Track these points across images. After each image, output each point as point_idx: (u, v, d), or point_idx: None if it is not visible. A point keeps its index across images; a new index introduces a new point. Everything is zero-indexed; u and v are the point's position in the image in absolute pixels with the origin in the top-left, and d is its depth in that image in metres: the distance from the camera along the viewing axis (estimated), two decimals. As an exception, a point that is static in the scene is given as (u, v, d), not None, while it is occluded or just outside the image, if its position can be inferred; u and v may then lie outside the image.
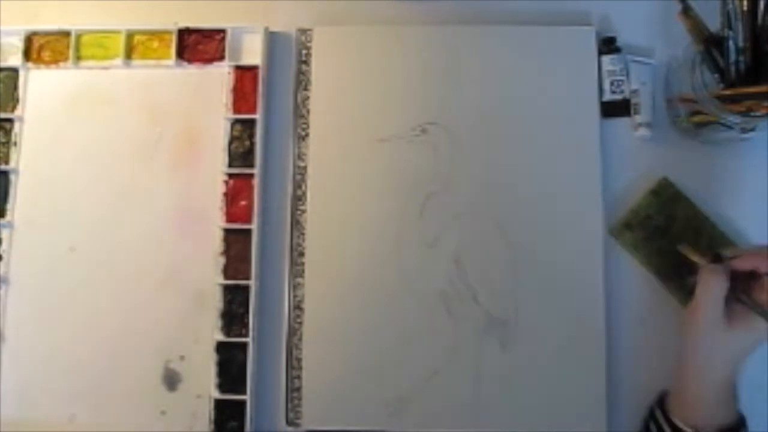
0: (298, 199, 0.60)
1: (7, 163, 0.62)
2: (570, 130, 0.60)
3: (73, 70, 0.63)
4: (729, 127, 0.56)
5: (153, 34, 0.63)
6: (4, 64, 0.63)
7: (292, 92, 0.62)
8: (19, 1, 0.65)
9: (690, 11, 0.54)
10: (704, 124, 0.58)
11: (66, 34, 0.63)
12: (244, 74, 0.62)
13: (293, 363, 0.58)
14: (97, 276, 0.60)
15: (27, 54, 0.63)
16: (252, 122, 0.61)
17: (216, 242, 0.60)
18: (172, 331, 0.59)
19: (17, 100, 0.63)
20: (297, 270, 0.59)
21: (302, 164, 0.60)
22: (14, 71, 0.63)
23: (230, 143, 0.61)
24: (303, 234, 0.59)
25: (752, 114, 0.53)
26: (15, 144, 0.62)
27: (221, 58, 0.62)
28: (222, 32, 0.63)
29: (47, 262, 0.60)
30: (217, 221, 0.60)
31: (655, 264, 0.58)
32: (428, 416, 0.56)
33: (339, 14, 0.63)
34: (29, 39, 0.63)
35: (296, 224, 0.60)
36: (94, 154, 0.61)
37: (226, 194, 0.60)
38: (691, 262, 0.54)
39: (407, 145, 0.60)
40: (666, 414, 0.52)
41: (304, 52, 0.62)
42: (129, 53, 0.63)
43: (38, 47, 0.63)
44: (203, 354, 0.58)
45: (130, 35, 0.63)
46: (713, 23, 0.54)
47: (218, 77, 0.62)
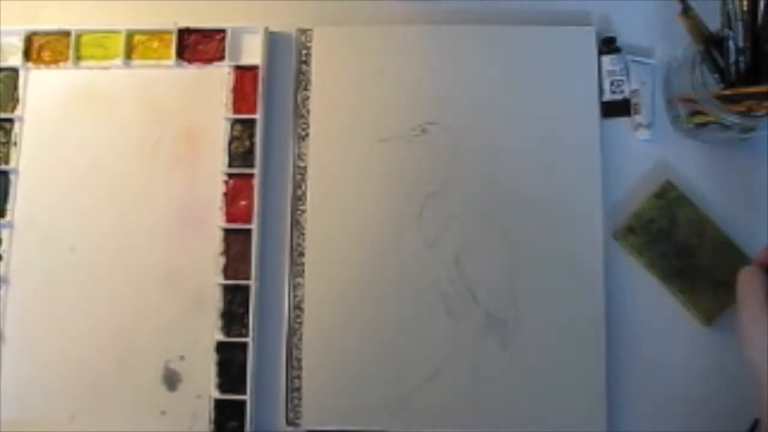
0: (298, 199, 0.60)
1: (7, 163, 0.62)
2: (570, 130, 0.60)
3: (73, 70, 0.63)
4: (729, 127, 0.56)
5: (153, 34, 0.63)
6: (4, 64, 0.63)
7: (292, 92, 0.62)
8: (19, 1, 0.65)
9: (690, 11, 0.54)
10: (704, 124, 0.58)
11: (66, 34, 0.63)
12: (244, 74, 0.62)
13: (293, 363, 0.58)
14: (97, 276, 0.60)
15: (27, 54, 0.63)
16: (252, 122, 0.61)
17: (216, 242, 0.60)
18: (172, 331, 0.59)
19: (17, 100, 0.63)
20: (297, 270, 0.59)
21: (302, 164, 0.60)
22: (14, 71, 0.63)
23: (230, 143, 0.61)
24: (303, 234, 0.59)
25: (752, 114, 0.53)
26: (15, 144, 0.62)
27: (221, 58, 0.62)
28: (222, 32, 0.63)
29: (47, 262, 0.60)
30: (217, 221, 0.60)
31: (658, 267, 0.58)
32: (428, 416, 0.56)
33: (339, 14, 0.63)
34: (29, 39, 0.63)
35: (296, 224, 0.60)
36: (94, 154, 0.61)
37: (226, 194, 0.60)
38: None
39: (407, 145, 0.60)
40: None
41: (304, 52, 0.62)
42: (129, 53, 0.63)
43: (38, 47, 0.63)
44: (203, 354, 0.58)
45: (130, 35, 0.63)
46: (713, 23, 0.54)
47: (218, 77, 0.62)
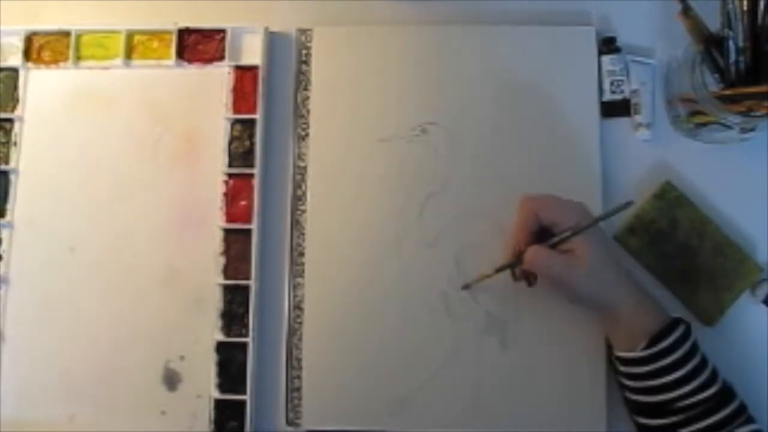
0: (298, 199, 0.60)
1: (7, 163, 0.62)
2: (570, 130, 0.60)
3: (73, 70, 0.63)
4: (729, 127, 0.56)
5: (153, 34, 0.63)
6: (4, 64, 0.63)
7: (292, 92, 0.62)
8: (19, 1, 0.65)
9: (690, 11, 0.55)
10: (704, 124, 0.58)
11: (66, 34, 0.63)
12: (244, 74, 0.62)
13: (293, 363, 0.58)
14: (97, 276, 0.60)
15: (27, 54, 0.63)
16: (252, 122, 0.61)
17: (216, 242, 0.60)
18: (172, 331, 0.59)
19: (17, 100, 0.63)
20: (297, 270, 0.59)
21: (302, 164, 0.60)
22: (14, 71, 0.63)
23: (230, 143, 0.61)
24: (303, 234, 0.59)
25: (752, 114, 0.53)
26: (15, 144, 0.62)
27: (221, 58, 0.62)
28: (222, 32, 0.63)
29: (47, 262, 0.60)
30: (217, 221, 0.60)
31: (660, 268, 0.58)
32: (428, 416, 0.56)
33: (339, 14, 0.63)
34: (29, 39, 0.63)
35: (296, 224, 0.60)
36: (94, 154, 0.61)
37: (226, 194, 0.60)
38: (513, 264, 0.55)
39: (407, 145, 0.60)
40: (613, 356, 0.54)
41: (304, 52, 0.62)
42: (129, 53, 0.63)
43: (38, 47, 0.63)
44: (203, 354, 0.58)
45: (130, 35, 0.63)
46: (713, 23, 0.54)
47: (218, 77, 0.62)
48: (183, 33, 0.63)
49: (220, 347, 0.58)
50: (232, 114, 0.61)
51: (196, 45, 0.63)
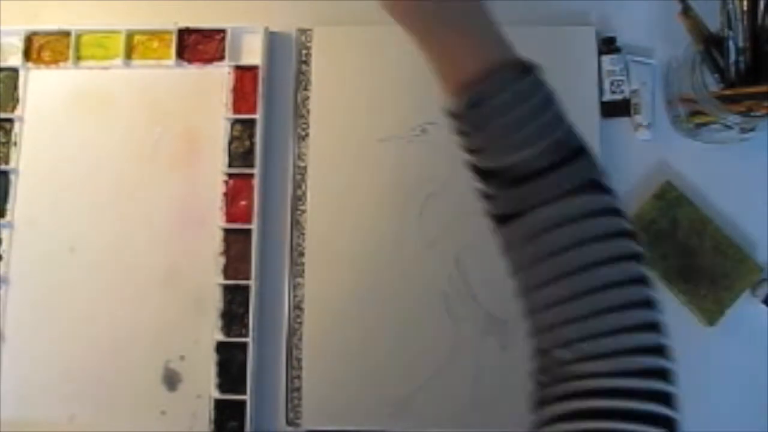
0: (298, 199, 0.60)
1: (7, 163, 0.62)
2: (570, 130, 0.60)
3: (73, 70, 0.63)
4: (729, 127, 0.56)
5: (153, 34, 0.63)
6: (4, 64, 0.63)
7: (292, 92, 0.62)
8: (19, 1, 0.65)
9: (690, 11, 0.55)
10: (704, 124, 0.58)
11: (66, 34, 0.63)
12: (244, 74, 0.62)
13: (293, 363, 0.58)
14: (97, 276, 0.60)
15: (27, 54, 0.63)
16: (252, 122, 0.61)
17: (216, 242, 0.60)
18: (172, 331, 0.59)
19: (17, 100, 0.63)
20: (297, 270, 0.59)
21: (302, 164, 0.60)
22: (14, 71, 0.63)
23: (230, 143, 0.61)
24: (303, 234, 0.59)
25: (752, 114, 0.53)
26: (15, 144, 0.62)
27: (221, 58, 0.62)
28: (222, 32, 0.63)
29: (47, 262, 0.60)
30: (217, 221, 0.60)
31: (660, 268, 0.58)
32: (428, 416, 0.56)
33: (339, 14, 0.63)
34: (29, 39, 0.63)
35: (296, 224, 0.60)
36: (94, 154, 0.61)
37: (226, 194, 0.60)
38: None
39: (407, 145, 0.60)
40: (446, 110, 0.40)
41: (304, 52, 0.62)
42: (129, 53, 0.63)
43: (38, 47, 0.63)
44: (203, 354, 0.58)
45: (130, 35, 0.63)
46: (713, 23, 0.54)
47: (218, 77, 0.62)
48: (183, 33, 0.63)
49: (220, 347, 0.58)
50: (232, 114, 0.61)
51: (196, 45, 0.63)
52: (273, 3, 0.64)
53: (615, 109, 0.61)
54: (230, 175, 0.61)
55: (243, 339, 0.58)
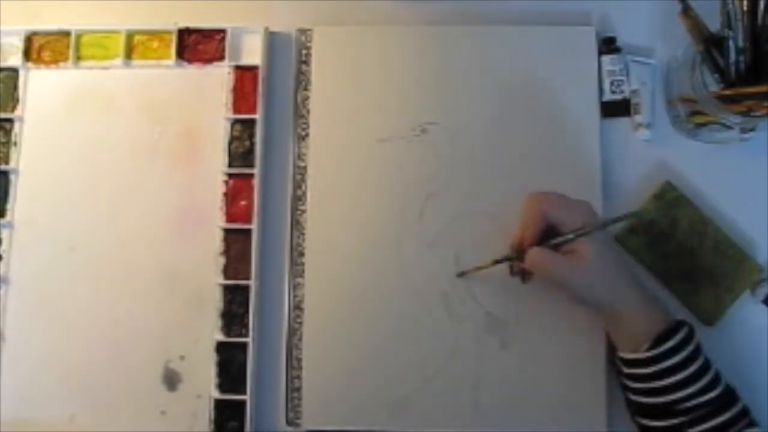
0: (298, 199, 0.60)
1: (7, 163, 0.62)
2: (570, 130, 0.60)
3: (73, 70, 0.63)
4: (729, 127, 0.56)
5: (153, 34, 0.63)
6: (4, 64, 0.63)
7: (292, 92, 0.62)
8: (19, 1, 0.65)
9: (690, 11, 0.55)
10: (704, 124, 0.58)
11: (66, 34, 0.63)
12: (244, 74, 0.62)
13: (293, 363, 0.58)
14: (97, 276, 0.60)
15: (27, 54, 0.63)
16: (252, 122, 0.61)
17: (216, 242, 0.60)
18: (172, 331, 0.59)
19: (17, 100, 0.63)
20: (297, 270, 0.59)
21: (302, 164, 0.60)
22: (14, 71, 0.63)
23: (230, 143, 0.61)
24: (303, 234, 0.59)
25: (752, 114, 0.53)
26: (15, 144, 0.62)
27: (221, 58, 0.62)
28: (222, 32, 0.63)
29: (47, 262, 0.60)
30: (217, 221, 0.60)
31: (660, 268, 0.58)
32: (428, 416, 0.56)
33: (339, 14, 0.63)
34: (29, 39, 0.63)
35: (296, 224, 0.60)
36: (94, 154, 0.61)
37: (226, 194, 0.60)
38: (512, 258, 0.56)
39: (407, 145, 0.60)
40: (615, 357, 0.54)
41: (304, 52, 0.62)
42: (129, 53, 0.63)
43: (38, 47, 0.63)
44: (203, 354, 0.58)
45: (130, 35, 0.63)
46: (713, 23, 0.54)
47: (218, 77, 0.62)
48: (183, 33, 0.63)
49: (220, 347, 0.58)
50: (232, 114, 0.61)
51: (196, 45, 0.63)
52: (273, 3, 0.64)
53: (615, 109, 0.61)
54: (230, 175, 0.61)
55: (243, 339, 0.58)
